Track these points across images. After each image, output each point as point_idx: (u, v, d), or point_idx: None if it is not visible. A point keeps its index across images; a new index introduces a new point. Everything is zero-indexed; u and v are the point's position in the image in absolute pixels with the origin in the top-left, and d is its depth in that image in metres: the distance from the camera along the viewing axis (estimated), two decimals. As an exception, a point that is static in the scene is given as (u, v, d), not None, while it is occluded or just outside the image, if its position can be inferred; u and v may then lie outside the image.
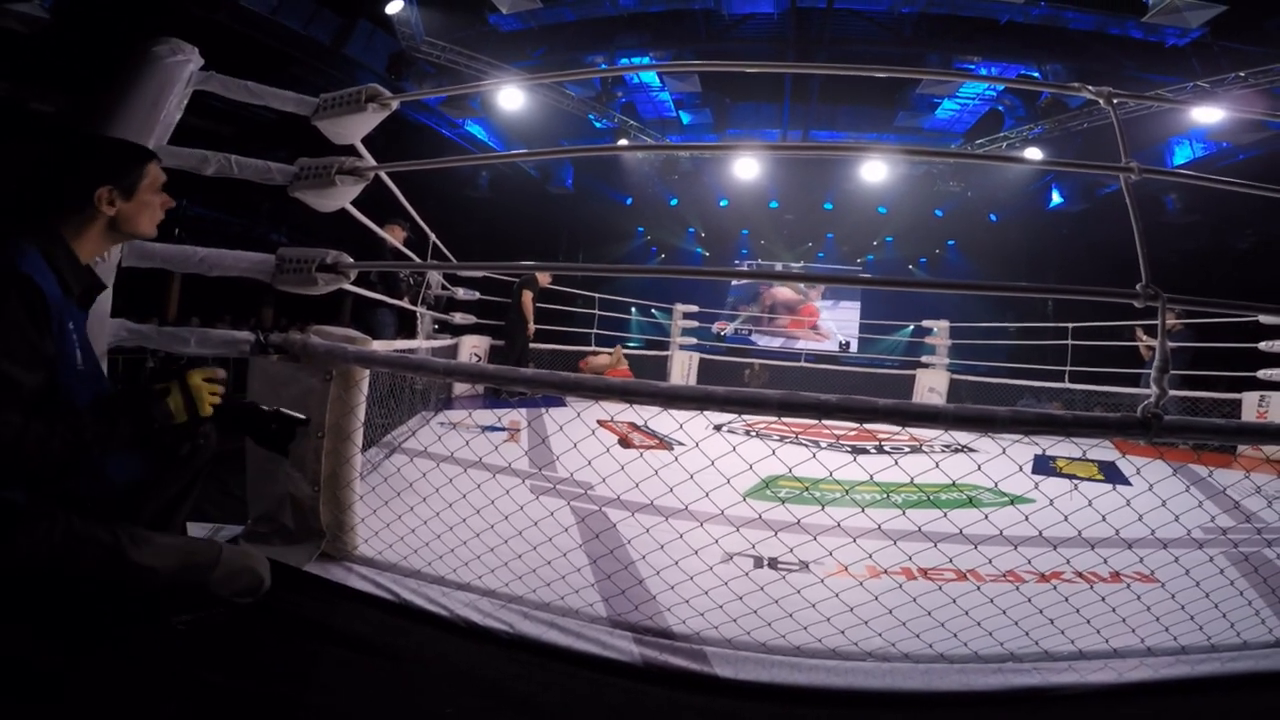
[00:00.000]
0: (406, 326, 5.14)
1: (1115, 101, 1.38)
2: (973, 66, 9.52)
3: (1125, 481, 3.45)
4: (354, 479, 1.87)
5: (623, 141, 10.68)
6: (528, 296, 5.90)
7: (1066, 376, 6.08)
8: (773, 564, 2.01)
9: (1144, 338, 5.54)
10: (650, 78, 10.46)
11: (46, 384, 1.09)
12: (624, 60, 10.12)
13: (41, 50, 6.93)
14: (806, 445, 4.10)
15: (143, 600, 1.20)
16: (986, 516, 1.69)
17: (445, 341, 5.48)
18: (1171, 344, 5.44)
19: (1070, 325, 6.08)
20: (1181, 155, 9.95)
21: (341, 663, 1.38)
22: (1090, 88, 1.42)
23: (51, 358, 1.10)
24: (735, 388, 1.42)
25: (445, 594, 1.66)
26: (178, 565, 1.22)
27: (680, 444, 3.41)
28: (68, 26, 6.79)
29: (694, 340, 7.82)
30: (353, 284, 2.20)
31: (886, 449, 4.30)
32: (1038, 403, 6.94)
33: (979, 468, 1.62)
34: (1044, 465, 3.75)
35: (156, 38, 1.95)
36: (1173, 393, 5.24)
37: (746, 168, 11.52)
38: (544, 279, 6.06)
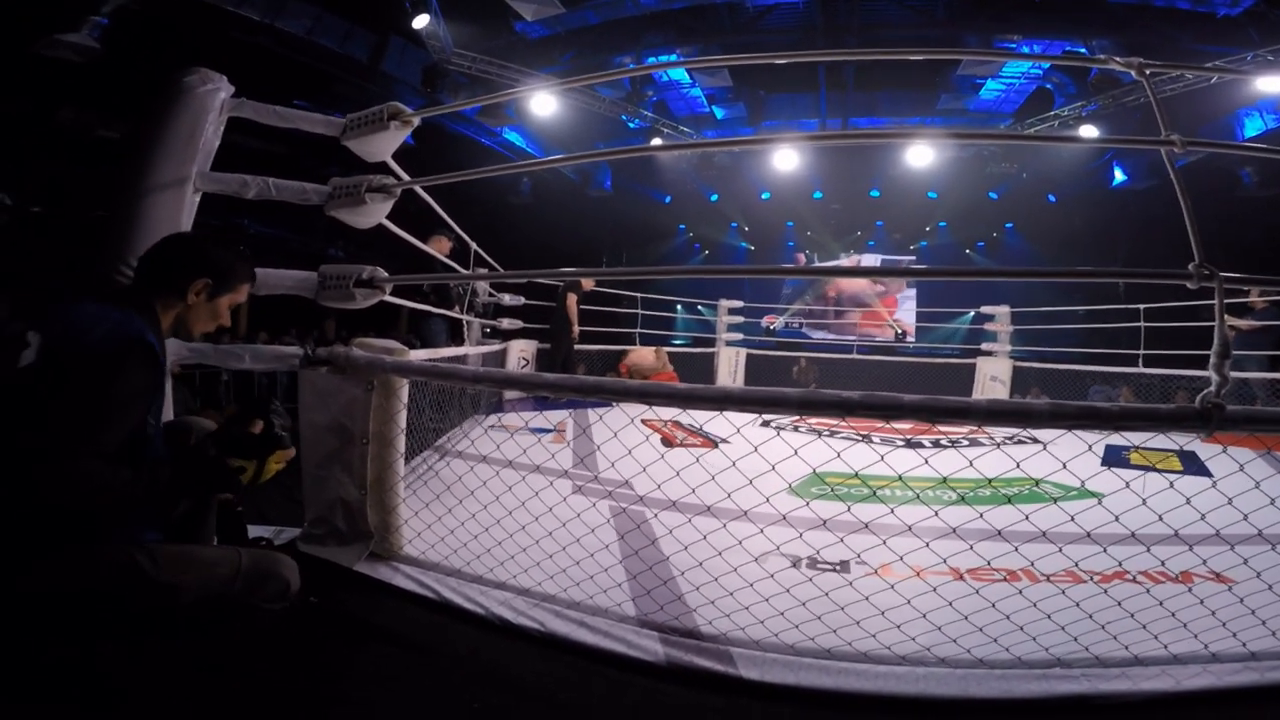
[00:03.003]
0: (458, 334, 5.31)
1: (1149, 73, 1.28)
2: (1014, 44, 9.00)
3: (1206, 472, 3.19)
4: (397, 482, 1.96)
5: (655, 140, 10.65)
6: (572, 299, 6.00)
7: (1140, 360, 5.69)
8: (812, 563, 1.96)
9: (1228, 317, 5.12)
10: (680, 74, 10.38)
11: (138, 435, 1.21)
12: (651, 58, 10.09)
13: (99, 78, 7.37)
14: (857, 439, 4.00)
15: (167, 617, 1.22)
16: (1027, 518, 1.60)
17: (494, 347, 5.63)
18: (1256, 322, 5.00)
19: (1142, 306, 5.69)
20: (1252, 127, 9.16)
21: (382, 658, 1.45)
22: (1118, 59, 1.33)
23: (146, 414, 1.23)
24: (753, 387, 1.41)
25: (483, 592, 1.72)
26: (198, 580, 1.24)
27: (726, 442, 3.39)
28: (118, 54, 7.22)
29: (740, 336, 7.73)
30: (405, 296, 2.27)
31: (943, 442, 4.14)
32: (1110, 388, 6.52)
33: (1018, 465, 1.54)
34: (1116, 455, 3.51)
35: (186, 68, 2.04)
36: (1257, 375, 4.82)
37: (786, 159, 11.25)
38: (587, 283, 6.15)
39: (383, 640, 1.53)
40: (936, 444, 4.11)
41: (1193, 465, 3.46)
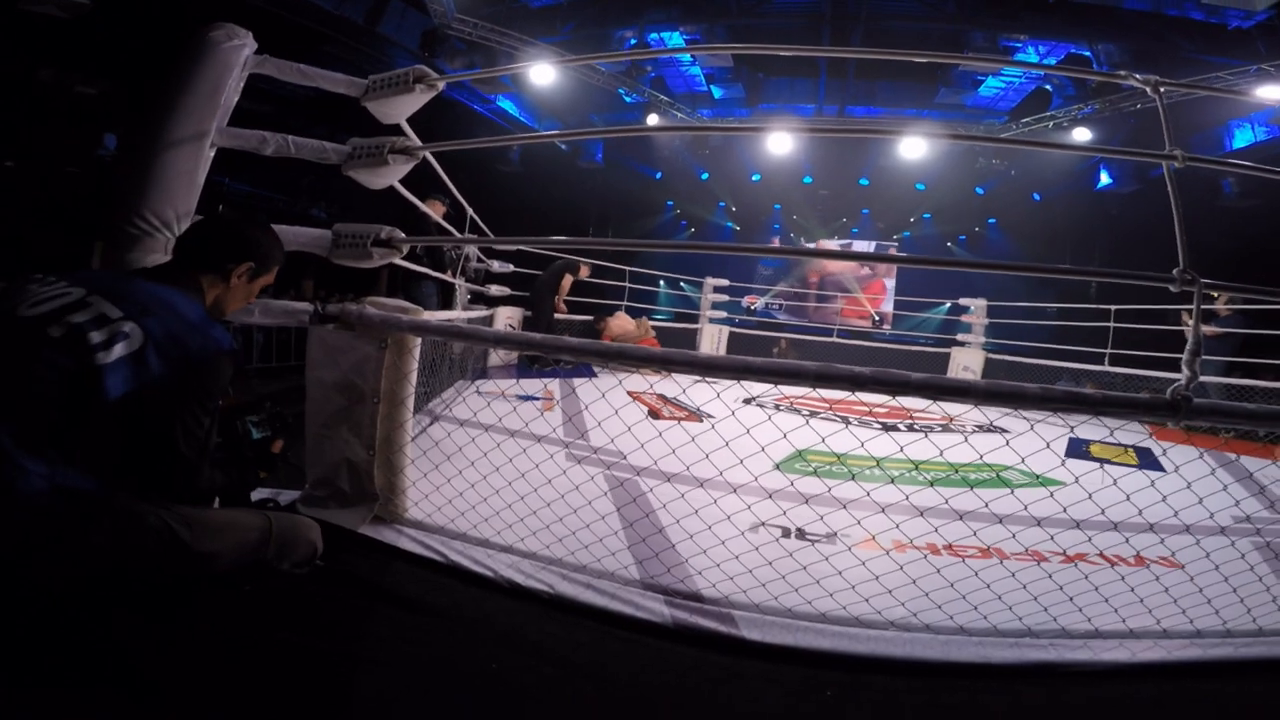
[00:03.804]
0: (445, 299, 5.28)
1: (1162, 90, 1.36)
2: (1020, 44, 9.03)
3: (1160, 468, 3.41)
4: (406, 443, 1.97)
5: (652, 118, 10.54)
6: (567, 280, 6.06)
7: (1107, 359, 5.94)
8: (801, 534, 2.07)
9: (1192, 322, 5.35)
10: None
11: None
12: (653, 34, 9.91)
13: (84, 35, 7.03)
14: (837, 420, 4.13)
15: (195, 585, 1.23)
16: (1012, 493, 1.73)
17: (481, 313, 5.62)
18: (1218, 329, 5.24)
19: (1113, 307, 5.91)
20: (1242, 139, 9.37)
21: (395, 621, 1.46)
22: (1137, 76, 1.40)
23: None
24: (770, 359, 1.48)
25: (490, 555, 1.76)
26: (233, 547, 1.25)
27: (710, 416, 3.48)
28: (108, 10, 6.89)
29: (723, 314, 7.83)
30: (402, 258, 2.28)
31: (918, 426, 4.30)
32: (1076, 384, 6.80)
33: (1007, 442, 1.65)
34: (1078, 448, 3.72)
35: (212, 23, 2.00)
36: (1218, 379, 5.08)
37: (780, 143, 11.23)
38: (584, 271, 6.24)
39: (393, 603, 1.54)
40: (911, 428, 4.27)
41: (1147, 460, 3.70)
